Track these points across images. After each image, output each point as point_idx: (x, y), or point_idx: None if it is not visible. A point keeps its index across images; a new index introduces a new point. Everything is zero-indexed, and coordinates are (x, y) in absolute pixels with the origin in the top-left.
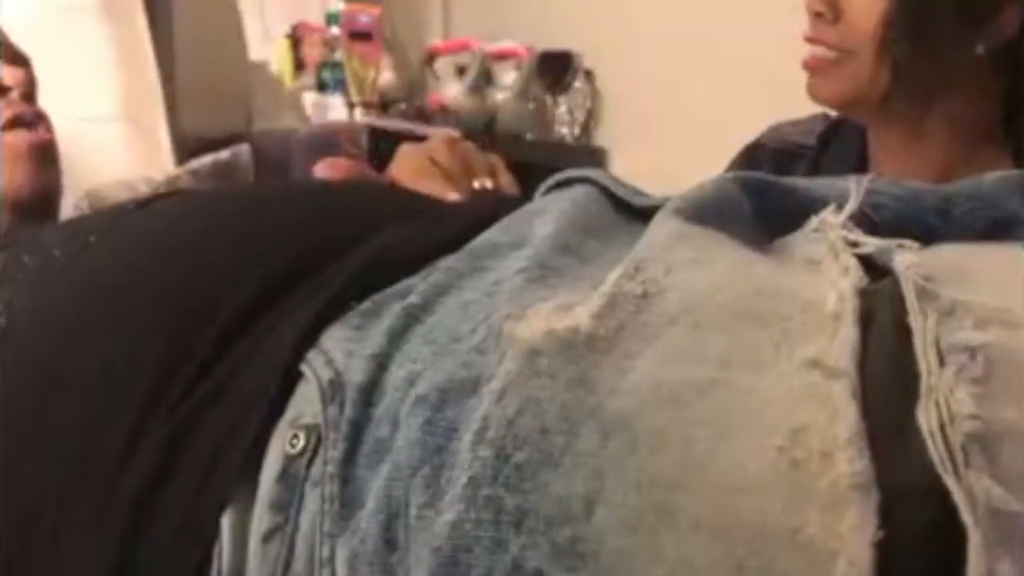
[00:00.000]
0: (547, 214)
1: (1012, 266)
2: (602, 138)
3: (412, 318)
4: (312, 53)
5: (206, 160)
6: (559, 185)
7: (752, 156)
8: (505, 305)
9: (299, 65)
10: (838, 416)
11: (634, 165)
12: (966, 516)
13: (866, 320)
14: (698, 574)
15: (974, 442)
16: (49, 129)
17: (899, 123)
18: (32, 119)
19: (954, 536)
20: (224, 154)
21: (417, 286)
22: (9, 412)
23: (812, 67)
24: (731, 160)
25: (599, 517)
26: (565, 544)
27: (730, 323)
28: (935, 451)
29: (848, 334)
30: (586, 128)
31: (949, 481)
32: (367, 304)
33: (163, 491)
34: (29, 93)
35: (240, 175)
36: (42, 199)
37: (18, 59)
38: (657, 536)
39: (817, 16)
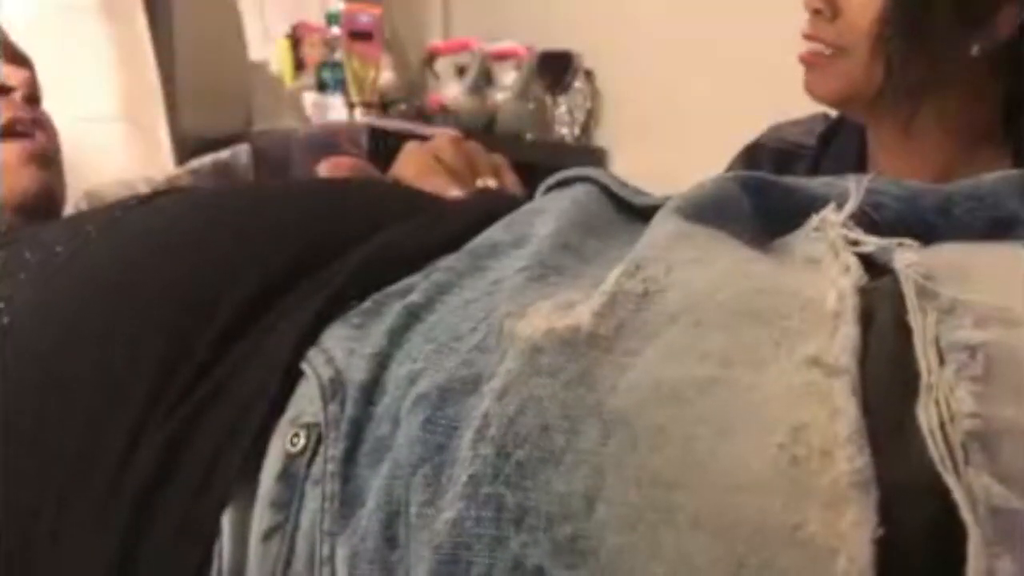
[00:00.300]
0: (548, 213)
1: (1012, 265)
2: (602, 138)
3: (413, 317)
4: (312, 53)
5: (206, 160)
6: (560, 184)
7: (752, 156)
8: (506, 303)
9: (299, 65)
10: (838, 414)
11: (634, 165)
12: (966, 514)
13: (866, 318)
14: (698, 572)
15: (974, 440)
16: (51, 135)
17: (893, 121)
18: (28, 127)
19: (954, 534)
20: (224, 154)
21: (418, 285)
22: (9, 410)
23: (808, 62)
24: (731, 160)
25: (599, 514)
26: (565, 541)
27: (730, 321)
28: (935, 449)
29: (848, 332)
30: (586, 128)
31: (949, 479)
32: (368, 303)
33: (163, 491)
34: (32, 95)
35: (240, 175)
36: (46, 202)
37: (21, 59)
38: (657, 533)
39: (816, 13)
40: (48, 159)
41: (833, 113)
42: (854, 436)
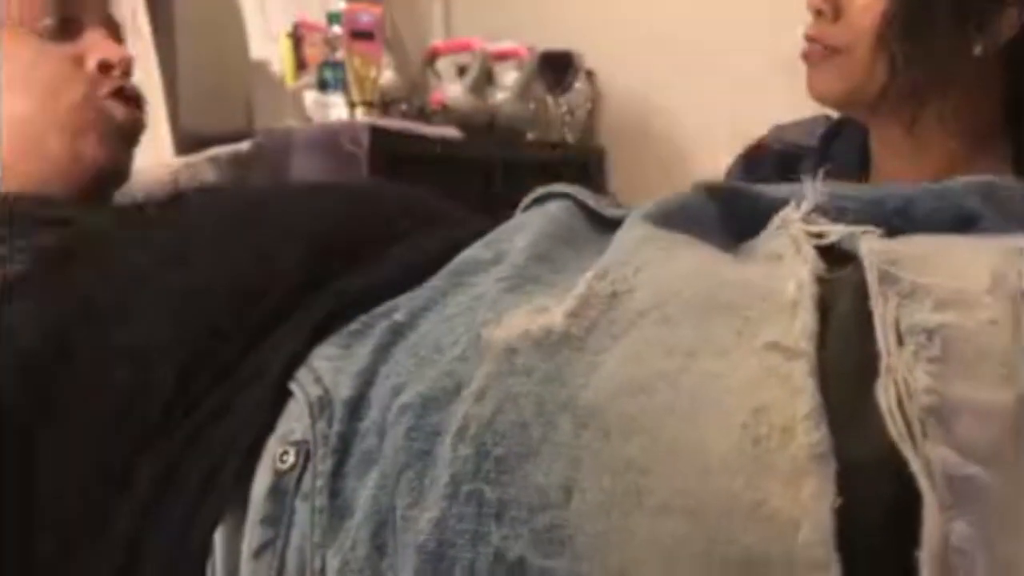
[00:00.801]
0: (525, 228)
1: (971, 253)
2: (602, 138)
3: (397, 334)
4: (313, 52)
5: (223, 150)
6: (538, 201)
7: (753, 157)
8: (485, 314)
9: (301, 64)
10: (798, 393)
11: (634, 165)
12: (922, 482)
13: (826, 305)
14: (669, 551)
15: (930, 414)
16: (144, 112)
17: (896, 122)
18: (133, 95)
19: (912, 505)
20: (244, 146)
21: (402, 305)
22: (15, 425)
23: (811, 59)
24: (732, 161)
25: (576, 503)
26: (544, 531)
27: (695, 315)
28: (893, 425)
29: (806, 319)
30: (587, 128)
31: (907, 452)
32: (355, 324)
33: (162, 508)
34: (129, 72)
35: (260, 166)
36: (113, 180)
37: (119, 33)
38: (630, 519)
39: (818, 14)
40: (136, 138)
41: (835, 114)
42: (813, 413)
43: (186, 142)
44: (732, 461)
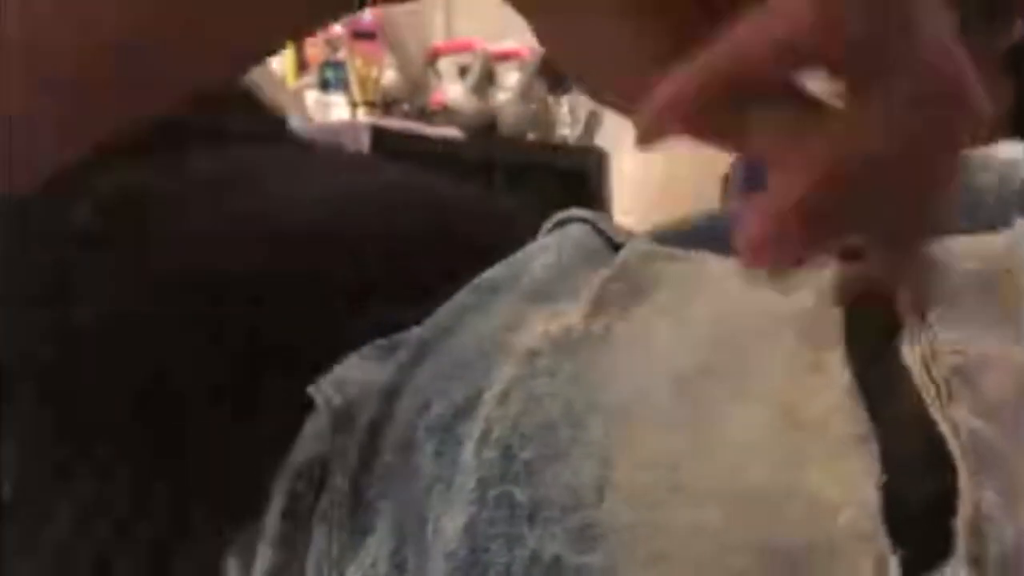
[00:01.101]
0: (547, 249)
1: (983, 236)
2: (603, 139)
3: (422, 351)
4: (315, 52)
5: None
6: (559, 224)
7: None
8: (505, 325)
9: (302, 64)
10: (831, 384)
11: (635, 166)
12: (952, 444)
13: (847, 294)
14: (705, 540)
15: (956, 375)
16: None
17: None
18: None
19: (941, 470)
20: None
21: (428, 322)
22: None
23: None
24: (732, 161)
25: (609, 501)
26: (577, 530)
27: (717, 313)
28: (921, 386)
29: (832, 311)
30: (588, 129)
31: (936, 414)
32: (382, 340)
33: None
34: None
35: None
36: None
37: None
38: (665, 510)
39: None
40: None
41: None
42: (848, 401)
43: None
44: (769, 451)
